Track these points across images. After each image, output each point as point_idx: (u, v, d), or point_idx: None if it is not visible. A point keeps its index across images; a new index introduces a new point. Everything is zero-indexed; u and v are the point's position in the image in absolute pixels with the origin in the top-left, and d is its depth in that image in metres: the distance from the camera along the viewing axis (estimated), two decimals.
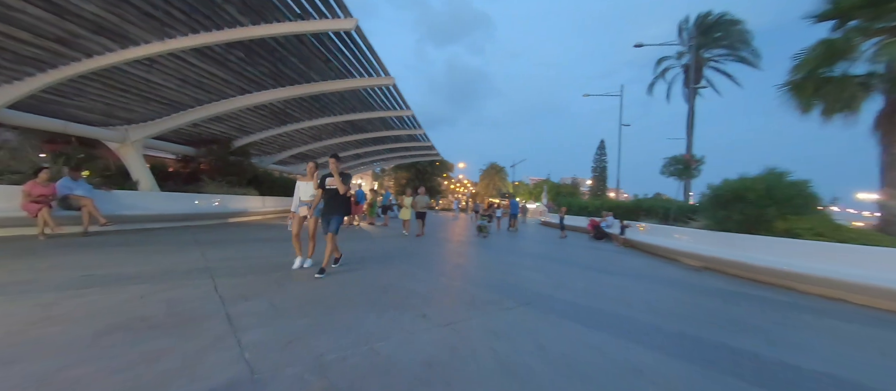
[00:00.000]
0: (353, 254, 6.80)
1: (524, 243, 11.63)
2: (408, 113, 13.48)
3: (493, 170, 61.80)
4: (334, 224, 5.00)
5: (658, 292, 5.36)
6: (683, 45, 26.50)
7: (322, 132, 15.48)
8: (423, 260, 6.79)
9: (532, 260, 7.88)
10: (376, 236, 10.19)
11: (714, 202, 8.36)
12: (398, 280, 4.95)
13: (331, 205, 5.03)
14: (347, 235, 9.89)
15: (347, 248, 7.38)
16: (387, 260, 6.48)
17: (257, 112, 11.85)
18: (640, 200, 18.37)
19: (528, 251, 9.52)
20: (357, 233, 10.74)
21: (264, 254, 6.36)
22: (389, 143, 19.20)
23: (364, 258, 6.52)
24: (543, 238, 14.37)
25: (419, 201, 10.99)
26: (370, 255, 6.87)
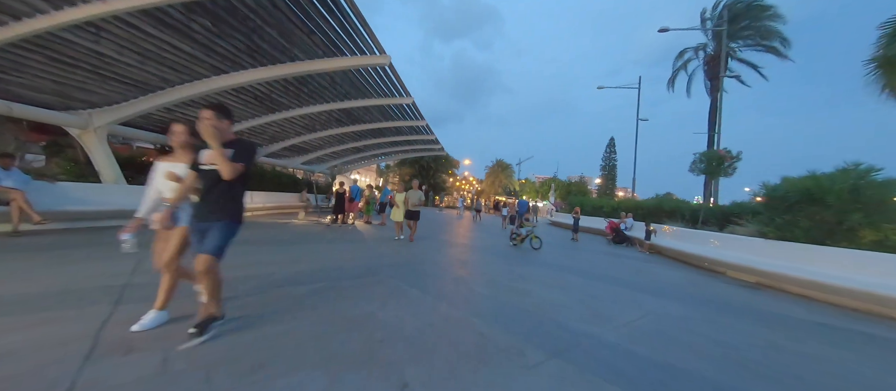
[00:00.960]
0: (326, 266, 5.50)
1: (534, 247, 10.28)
2: (407, 100, 12.15)
3: (499, 167, 60.21)
4: (213, 239, 2.63)
5: (731, 328, 3.99)
6: (706, 35, 24.84)
7: (315, 122, 14.22)
8: (415, 273, 5.48)
9: (549, 271, 6.54)
10: (365, 239, 8.91)
11: (773, 205, 6.94)
12: (378, 308, 3.65)
13: (208, 203, 2.68)
14: (331, 237, 8.63)
15: (322, 258, 6.09)
16: (368, 274, 5.18)
17: (239, 97, 10.60)
18: (662, 200, 16.91)
19: (542, 258, 8.18)
20: (344, 235, 9.47)
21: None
22: (390, 135, 17.90)
23: (340, 270, 5.22)
24: (556, 241, 13.00)
25: (412, 197, 9.01)
26: (348, 267, 5.57)
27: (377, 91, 11.44)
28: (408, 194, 9.12)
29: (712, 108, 24.78)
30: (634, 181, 22.86)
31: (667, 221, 14.47)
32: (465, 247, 8.95)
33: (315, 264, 5.43)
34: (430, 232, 12.13)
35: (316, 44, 8.08)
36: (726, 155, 12.01)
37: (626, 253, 10.84)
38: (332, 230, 10.26)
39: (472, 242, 10.20)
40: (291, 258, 5.79)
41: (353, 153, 21.16)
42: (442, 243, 9.39)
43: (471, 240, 10.91)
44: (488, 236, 12.49)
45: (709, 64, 24.98)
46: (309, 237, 8.46)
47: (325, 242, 7.81)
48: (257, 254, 5.93)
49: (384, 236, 9.68)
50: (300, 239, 8.06)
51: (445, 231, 13.25)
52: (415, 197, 9.10)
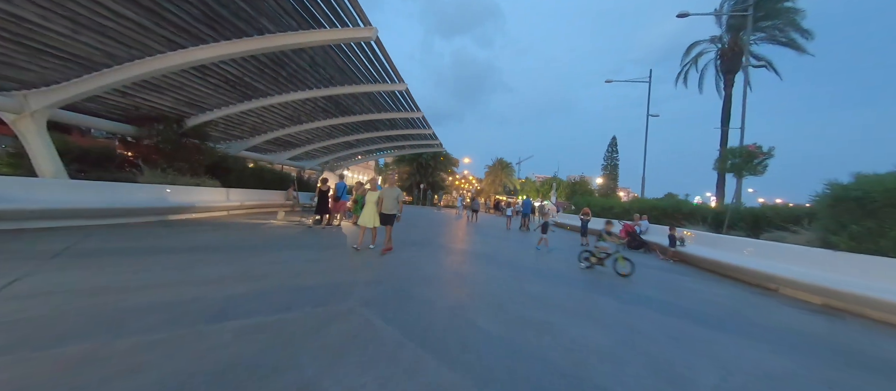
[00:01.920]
0: (281, 286, 4.18)
1: (546, 255, 8.97)
2: (400, 87, 10.82)
3: (500, 166, 58.89)
4: None
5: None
6: (720, 26, 23.51)
7: (300, 113, 12.89)
8: (397, 297, 4.18)
9: (569, 289, 5.23)
10: (345, 245, 7.59)
11: (845, 208, 5.64)
12: (322, 371, 2.32)
13: None
14: (306, 242, 7.29)
15: (281, 273, 4.74)
16: (333, 299, 3.86)
17: (207, 80, 9.26)
18: (680, 202, 15.59)
19: (555, 271, 6.87)
20: (323, 239, 8.15)
21: (126, 282, 3.71)
22: (383, 128, 16.57)
23: (296, 292, 3.90)
24: (564, 245, 11.69)
25: (387, 196, 6.90)
26: (309, 287, 4.25)
27: (365, 75, 10.11)
28: (382, 192, 6.96)
29: (726, 104, 23.51)
30: (643, 180, 21.57)
31: (686, 225, 13.17)
32: (461, 255, 7.63)
33: (267, 283, 4.12)
34: (424, 235, 10.82)
35: (286, 11, 6.75)
36: (757, 150, 10.71)
37: (646, 261, 9.54)
38: (312, 233, 8.94)
39: (472, 247, 8.89)
40: (241, 273, 4.47)
41: (345, 148, 19.83)
42: (436, 249, 8.07)
43: (470, 245, 9.60)
44: (489, 240, 11.19)
45: (722, 58, 23.67)
46: (279, 242, 7.14)
47: (294, 249, 6.49)
48: (202, 266, 4.61)
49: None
50: (267, 245, 6.74)
51: (441, 233, 11.95)
52: (390, 196, 6.94)
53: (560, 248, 10.46)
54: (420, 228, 13.03)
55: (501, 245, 10.15)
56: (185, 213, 9.78)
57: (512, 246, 10.18)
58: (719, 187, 23.18)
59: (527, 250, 9.47)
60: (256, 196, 13.42)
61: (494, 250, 8.83)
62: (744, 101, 14.30)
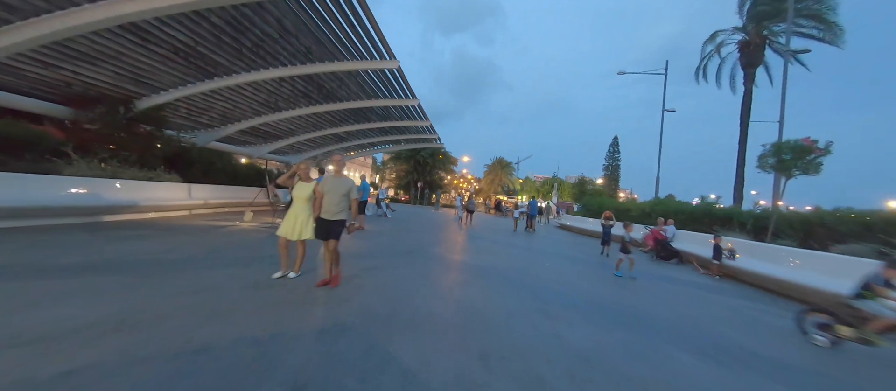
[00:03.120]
0: (152, 353, 2.45)
1: (564, 267, 7.29)
2: (391, 65, 9.10)
3: (499, 165, 57.29)
4: None
5: None
6: (742, 18, 21.88)
7: (277, 97, 11.15)
8: (355, 368, 2.48)
9: (626, 335, 3.56)
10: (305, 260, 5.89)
11: None
12: None
13: None
14: (257, 256, 5.54)
15: (177, 322, 2.92)
16: (226, 383, 2.15)
17: (150, 49, 7.51)
18: (710, 205, 13.96)
19: (582, 291, 5.20)
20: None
21: None
22: (375, 119, 14.85)
23: (166, 376, 2.20)
24: (581, 255, 10.04)
25: (331, 192, 4.00)
26: (204, 362, 2.55)
27: (348, 49, 8.38)
28: (323, 184, 4.05)
29: (746, 100, 21.93)
30: (658, 181, 19.94)
31: (718, 231, 11.54)
32: (464, 271, 5.92)
33: (148, 338, 2.40)
34: (417, 241, 9.12)
35: None
36: (812, 145, 9.09)
37: (684, 276, 7.89)
38: (272, 239, 7.24)
39: (476, 258, 7.18)
40: (122, 315, 2.76)
41: (334, 141, 18.10)
42: (431, 261, 6.36)
43: (473, 255, 7.90)
44: (495, 247, 9.50)
45: (743, 50, 22.08)
46: (226, 254, 5.41)
47: (240, 265, 4.76)
48: (66, 300, 2.90)
49: (348, 252, 6.68)
50: (207, 259, 5.02)
51: (439, 239, 10.25)
52: (335, 191, 3.98)
53: (579, 260, 8.79)
54: (414, 232, 11.34)
55: (512, 254, 8.46)
56: (126, 213, 8.04)
57: (524, 255, 8.49)
58: (737, 188, 21.66)
59: (541, 260, 7.78)
60: (226, 193, 11.66)
61: (505, 263, 7.13)
62: (783, 91, 12.67)
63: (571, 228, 20.72)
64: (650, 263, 9.42)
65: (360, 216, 11.00)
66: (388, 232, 10.71)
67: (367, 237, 8.87)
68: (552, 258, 8.55)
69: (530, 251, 9.50)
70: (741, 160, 21.75)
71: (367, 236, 9.08)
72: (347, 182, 4.10)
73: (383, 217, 17.29)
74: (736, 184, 21.80)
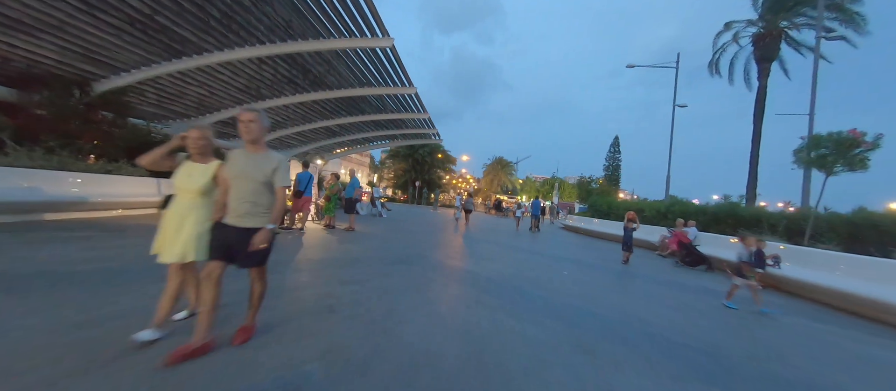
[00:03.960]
0: None
1: (586, 277, 6.22)
2: (384, 43, 8.00)
3: (499, 165, 56.28)
4: None
5: None
6: (756, 10, 20.84)
7: (258, 83, 10.03)
8: None
9: (687, 383, 2.50)
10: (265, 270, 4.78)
11: None
12: None
13: None
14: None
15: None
16: None
17: (98, 18, 6.38)
18: (735, 205, 12.92)
19: (621, 312, 4.13)
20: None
21: None
22: (370, 110, 13.75)
23: None
24: (599, 260, 8.97)
25: (241, 175, 2.21)
26: None
27: (333, 22, 7.27)
28: (229, 165, 2.26)
29: (760, 95, 20.94)
30: (668, 179, 18.89)
31: (744, 233, 10.51)
32: (470, 285, 4.84)
33: None
34: (414, 246, 8.02)
35: None
36: (859, 138, 8.05)
37: (716, 286, 6.83)
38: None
39: (482, 267, 6.09)
40: None
41: (326, 136, 16.97)
42: (430, 271, 5.25)
43: (478, 262, 6.81)
44: (501, 250, 8.41)
45: (757, 44, 21.08)
46: (155, 267, 4.32)
47: (160, 283, 3.66)
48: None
49: (329, 260, 5.59)
50: (128, 272, 3.90)
51: (438, 242, 9.16)
52: (250, 176, 2.21)
53: (600, 268, 7.72)
54: (410, 234, 10.25)
55: (520, 260, 7.37)
56: (75, 211, 6.92)
57: (534, 261, 7.41)
58: (750, 187, 20.66)
59: (556, 267, 6.68)
60: None
61: (515, 270, 6.04)
62: (814, 80, 11.63)
63: (577, 229, 19.67)
64: (675, 270, 8.35)
65: (350, 216, 9.93)
66: (380, 234, 9.62)
67: (356, 240, 7.78)
68: (567, 264, 7.46)
69: (540, 255, 8.42)
70: (754, 158, 20.77)
71: (357, 239, 7.99)
72: (270, 159, 2.29)
73: (379, 217, 16.22)
74: (748, 182, 20.80)
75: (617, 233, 14.90)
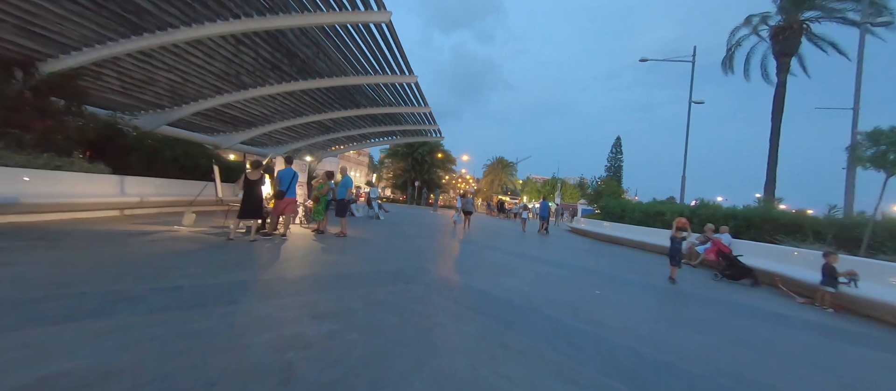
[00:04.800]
0: None
1: (634, 301, 5.08)
2: (382, 17, 6.84)
3: (500, 165, 55.20)
4: None
5: None
6: (775, 1, 19.76)
7: (238, 69, 8.86)
8: None
9: None
10: (223, 293, 3.64)
11: None
12: None
13: None
14: (142, 287, 3.22)
15: None
16: None
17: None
18: (769, 208, 11.79)
19: (692, 351, 2.99)
20: (203, 278, 4.23)
21: None
22: (364, 103, 12.60)
23: None
24: (636, 275, 7.83)
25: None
26: None
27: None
28: None
29: (779, 92, 19.87)
30: (684, 180, 17.78)
31: (780, 240, 9.41)
32: (483, 311, 3.69)
33: None
34: (411, 255, 6.86)
35: None
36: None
37: (773, 306, 5.70)
38: (220, 253, 4.98)
39: (493, 283, 4.94)
40: None
41: (319, 131, 15.80)
42: (428, 291, 4.06)
43: (487, 276, 5.66)
44: (513, 260, 7.26)
45: (776, 38, 20.01)
46: (66, 296, 3.15)
47: (102, 316, 2.50)
48: None
49: (309, 278, 4.44)
50: (23, 303, 2.76)
51: (438, 249, 8.01)
52: None
53: (641, 285, 6.58)
54: (408, 239, 9.10)
55: (541, 274, 6.21)
56: (6, 214, 5.75)
57: (559, 275, 6.24)
58: (769, 189, 19.56)
59: (587, 284, 5.50)
60: (176, 189, 9.34)
61: (540, 291, 4.88)
62: (859, 72, 10.53)
63: (586, 233, 18.53)
64: (719, 286, 7.20)
65: (341, 220, 8.76)
66: (376, 240, 8.48)
67: (346, 249, 6.63)
68: (595, 279, 6.31)
69: (560, 267, 7.27)
70: (773, 157, 19.68)
71: (348, 247, 6.84)
72: None
73: (375, 219, 15.08)
74: (766, 184, 19.71)
75: (633, 239, 13.78)
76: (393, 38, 7.85)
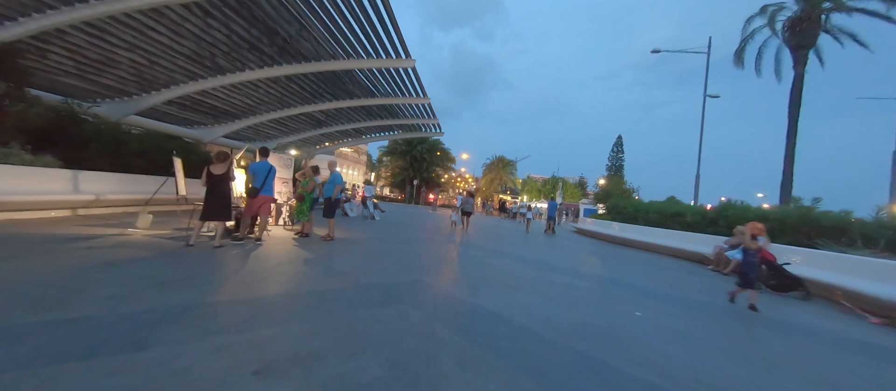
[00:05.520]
0: None
1: (697, 331, 4.07)
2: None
3: (500, 163, 54.09)
4: None
5: None
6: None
7: (212, 50, 7.79)
8: None
9: None
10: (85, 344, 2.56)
11: None
12: None
13: None
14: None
15: None
16: None
17: None
18: (808, 209, 10.77)
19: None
20: (101, 311, 3.16)
21: None
22: (357, 93, 11.55)
23: None
24: (662, 284, 6.82)
25: None
26: None
27: None
28: None
29: (796, 85, 18.91)
30: (698, 178, 16.80)
31: (821, 245, 8.43)
32: (504, 354, 2.68)
33: None
34: (405, 262, 5.82)
35: None
36: None
37: (836, 326, 4.71)
38: (167, 267, 3.92)
39: (513, 309, 3.93)
40: None
41: (310, 125, 14.74)
42: (427, 317, 3.03)
43: (502, 296, 4.65)
44: (526, 268, 6.23)
45: (792, 29, 19.05)
46: None
47: None
48: None
49: (278, 295, 3.40)
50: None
51: (438, 258, 6.99)
52: None
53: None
54: (406, 243, 8.07)
55: (560, 286, 5.18)
56: None
57: (584, 288, 5.22)
58: (785, 188, 18.62)
59: (622, 300, 4.45)
60: (139, 186, 8.27)
61: (570, 313, 3.85)
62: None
63: (593, 234, 17.54)
64: (773, 302, 6.19)
65: (329, 221, 7.71)
66: (367, 244, 7.45)
67: (330, 256, 5.59)
68: (632, 295, 5.27)
69: (581, 277, 6.24)
70: (790, 155, 18.74)
71: (333, 253, 5.80)
72: None
73: (370, 219, 14.05)
74: (783, 183, 18.78)
75: (648, 241, 12.69)
76: (387, 12, 6.80)
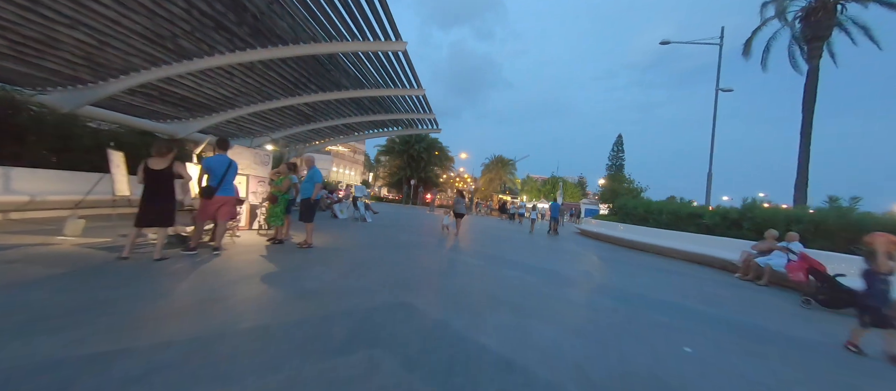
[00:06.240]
0: None
1: (773, 381, 3.10)
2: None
3: (499, 163, 53.11)
4: None
5: None
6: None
7: (173, 30, 6.73)
8: None
9: None
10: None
11: None
12: None
13: None
14: None
15: None
16: None
17: None
18: (847, 210, 9.71)
19: None
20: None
21: None
22: (346, 83, 10.53)
23: None
24: (701, 301, 5.84)
25: None
26: None
27: None
28: None
29: (811, 79, 18.05)
30: (710, 177, 15.85)
31: (860, 251, 7.48)
32: None
33: None
34: (397, 273, 4.80)
35: None
36: None
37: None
38: (46, 292, 2.87)
39: (531, 348, 2.94)
40: None
41: (296, 120, 13.70)
42: (417, 370, 2.09)
43: (517, 324, 3.65)
44: (526, 278, 5.25)
45: (807, 21, 18.17)
46: None
47: None
48: None
49: (228, 322, 2.35)
50: None
51: (433, 267, 5.97)
52: None
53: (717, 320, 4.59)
54: (396, 250, 7.05)
55: (582, 306, 4.18)
56: None
57: (611, 308, 4.21)
58: (800, 188, 17.71)
59: (654, 321, 3.44)
60: (88, 185, 7.21)
61: (605, 353, 2.87)
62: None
63: (599, 236, 16.58)
64: (805, 314, 5.23)
65: (307, 226, 6.68)
66: (350, 251, 6.44)
67: (302, 270, 4.56)
68: (671, 319, 4.27)
69: (604, 293, 5.23)
70: (805, 153, 17.85)
71: (308, 266, 4.77)
72: None
73: (361, 221, 13.07)
74: (797, 182, 17.88)
75: (660, 244, 11.54)
76: None
